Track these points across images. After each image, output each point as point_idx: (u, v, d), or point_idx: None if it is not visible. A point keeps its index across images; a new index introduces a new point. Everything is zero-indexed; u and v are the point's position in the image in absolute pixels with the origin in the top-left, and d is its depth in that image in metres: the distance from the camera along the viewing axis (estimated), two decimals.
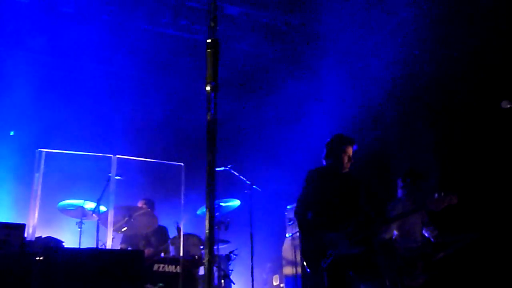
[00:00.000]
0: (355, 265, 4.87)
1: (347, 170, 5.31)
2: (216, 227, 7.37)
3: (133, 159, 7.07)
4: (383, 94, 8.15)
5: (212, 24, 2.03)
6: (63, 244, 5.79)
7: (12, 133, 7.76)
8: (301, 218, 5.04)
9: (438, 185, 6.94)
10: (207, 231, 1.84)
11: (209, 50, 2.05)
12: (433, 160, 7.15)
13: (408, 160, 7.58)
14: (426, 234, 5.98)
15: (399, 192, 6.15)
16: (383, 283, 4.93)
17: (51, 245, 5.45)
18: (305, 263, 5.01)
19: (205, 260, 1.75)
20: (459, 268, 6.24)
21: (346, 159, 5.25)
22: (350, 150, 5.28)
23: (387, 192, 6.51)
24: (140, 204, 7.53)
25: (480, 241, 5.69)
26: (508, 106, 4.64)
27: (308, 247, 4.96)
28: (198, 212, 7.43)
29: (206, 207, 1.87)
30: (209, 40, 2.05)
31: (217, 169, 7.25)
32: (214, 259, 7.07)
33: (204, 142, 2.08)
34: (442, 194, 5.10)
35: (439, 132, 7.47)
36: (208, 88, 2.01)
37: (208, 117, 1.97)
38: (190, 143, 7.96)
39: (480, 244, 5.79)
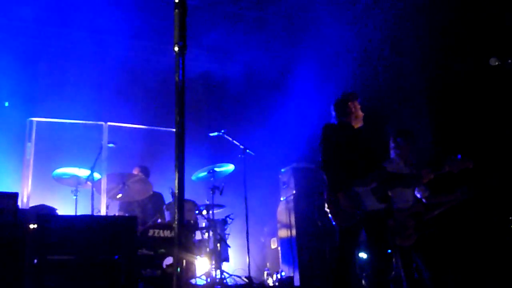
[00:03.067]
0: (372, 222, 4.91)
1: (360, 124, 5.33)
2: (211, 191, 7.42)
3: (124, 126, 7.07)
4: (376, 54, 8.08)
5: None
6: (57, 211, 5.83)
7: (6, 104, 7.72)
8: (328, 174, 5.01)
9: (432, 144, 6.96)
10: (176, 191, 1.85)
11: (176, 10, 2.02)
12: (426, 120, 7.14)
13: (401, 122, 7.57)
14: (418, 195, 5.98)
15: (392, 153, 6.14)
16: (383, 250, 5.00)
17: (45, 213, 5.48)
18: (333, 219, 4.95)
19: (175, 220, 1.76)
20: (451, 226, 6.28)
21: (354, 115, 5.28)
22: (355, 105, 5.32)
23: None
24: (135, 171, 7.57)
25: (471, 200, 5.71)
26: (497, 63, 4.60)
27: (338, 203, 4.88)
28: (193, 177, 7.46)
29: (175, 168, 1.87)
30: (176, 0, 2.02)
31: (210, 134, 7.32)
32: (210, 223, 7.17)
33: (196, 107, 2.06)
34: (460, 156, 5.14)
35: (433, 92, 7.42)
36: (176, 48, 1.99)
37: (176, 78, 1.95)
38: None
39: (472, 203, 5.81)
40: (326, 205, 5.03)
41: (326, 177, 5.07)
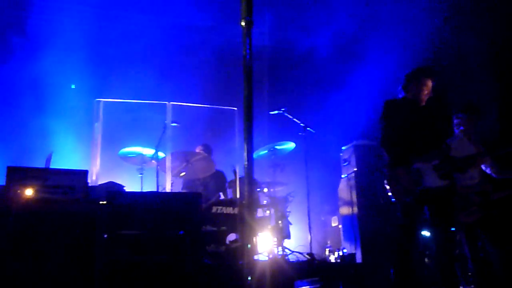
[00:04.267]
0: (435, 200, 4.87)
1: (424, 103, 5.20)
2: (272, 169, 7.48)
3: (187, 105, 7.19)
4: (438, 27, 7.85)
5: None
6: (124, 188, 6.02)
7: (73, 86, 7.99)
8: (387, 150, 5.00)
9: (497, 121, 6.73)
10: (245, 163, 1.89)
11: None
12: (491, 95, 6.90)
13: (465, 96, 7.34)
14: (487, 170, 5.82)
15: (455, 130, 6.00)
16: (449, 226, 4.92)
17: (114, 190, 5.66)
18: (392, 195, 4.94)
19: (245, 191, 1.80)
20: None
21: (425, 92, 5.16)
22: (429, 83, 5.18)
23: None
24: (197, 149, 7.70)
25: None
26: None
27: (397, 179, 4.89)
28: (254, 155, 7.49)
29: (244, 140, 1.90)
30: None
31: (271, 112, 7.33)
32: (271, 201, 7.24)
33: (256, 85, 2.08)
34: None
35: (499, 68, 7.15)
36: (243, 23, 2.01)
37: (244, 52, 1.98)
38: (243, 87, 7.97)
39: None
40: (386, 181, 5.00)
41: (386, 153, 5.04)
